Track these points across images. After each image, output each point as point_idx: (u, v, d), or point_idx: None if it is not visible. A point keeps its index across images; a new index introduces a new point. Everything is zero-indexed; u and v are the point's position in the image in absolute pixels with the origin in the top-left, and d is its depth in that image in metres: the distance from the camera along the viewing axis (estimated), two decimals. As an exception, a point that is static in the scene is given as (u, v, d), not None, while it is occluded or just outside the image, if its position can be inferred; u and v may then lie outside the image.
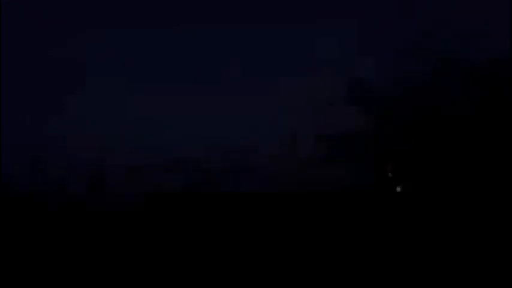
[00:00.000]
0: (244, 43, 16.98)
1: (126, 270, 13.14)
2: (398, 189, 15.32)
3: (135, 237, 14.98)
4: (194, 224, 15.51)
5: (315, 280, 12.16)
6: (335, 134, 15.72)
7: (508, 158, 14.48)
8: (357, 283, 11.90)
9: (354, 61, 16.06)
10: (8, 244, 14.38)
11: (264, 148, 16.18)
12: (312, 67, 16.31)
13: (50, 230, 15.24)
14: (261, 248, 13.95)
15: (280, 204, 15.60)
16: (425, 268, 12.17)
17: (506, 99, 14.79)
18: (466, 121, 14.98)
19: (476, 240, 13.15)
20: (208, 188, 16.23)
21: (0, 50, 16.42)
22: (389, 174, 15.50)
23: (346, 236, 14.13)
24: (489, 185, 14.42)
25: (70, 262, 13.57)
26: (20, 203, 15.82)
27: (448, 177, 14.87)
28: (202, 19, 17.03)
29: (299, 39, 16.79)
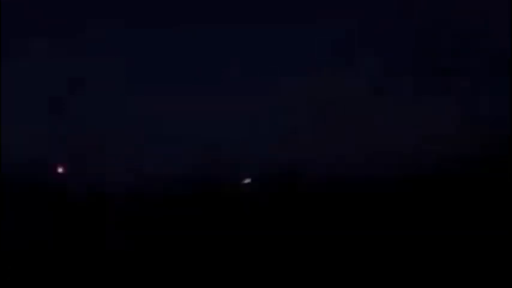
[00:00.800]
0: (244, 43, 16.98)
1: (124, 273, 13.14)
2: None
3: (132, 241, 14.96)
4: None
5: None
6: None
7: (508, 159, 14.48)
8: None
9: (353, 61, 16.08)
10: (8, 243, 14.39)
11: (263, 148, 16.19)
12: (312, 67, 16.32)
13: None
14: None
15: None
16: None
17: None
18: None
19: (477, 240, 13.15)
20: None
21: (0, 50, 16.43)
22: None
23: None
24: (490, 186, 14.42)
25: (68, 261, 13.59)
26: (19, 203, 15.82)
27: (448, 178, 14.87)
28: (202, 19, 17.04)
29: (299, 39, 16.80)
